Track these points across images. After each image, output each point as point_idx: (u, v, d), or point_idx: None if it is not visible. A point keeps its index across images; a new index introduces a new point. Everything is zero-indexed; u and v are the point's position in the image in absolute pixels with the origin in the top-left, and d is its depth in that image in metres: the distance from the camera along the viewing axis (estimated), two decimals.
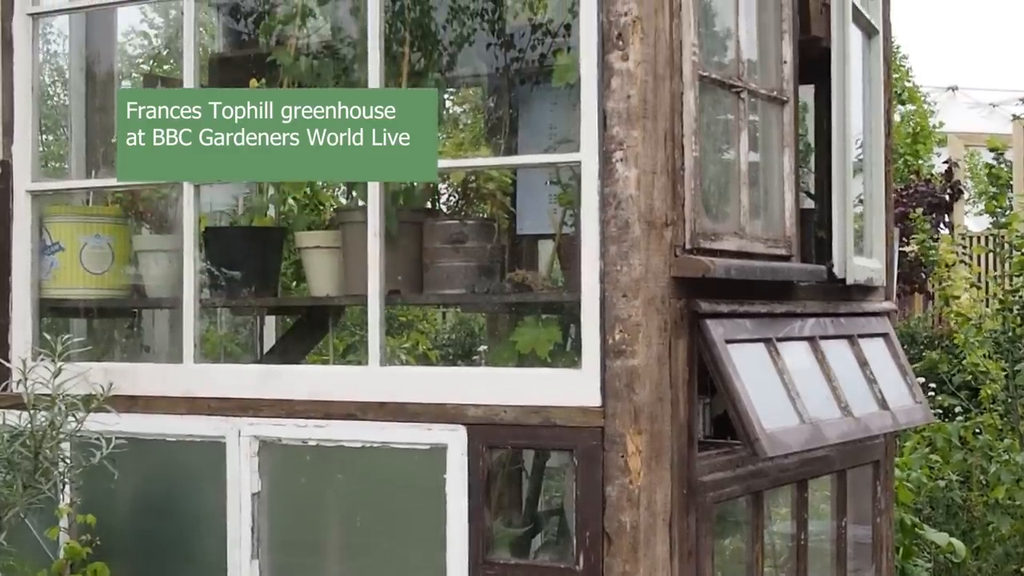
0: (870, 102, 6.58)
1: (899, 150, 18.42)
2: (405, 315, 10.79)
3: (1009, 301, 10.13)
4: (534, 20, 6.58)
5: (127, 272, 6.37)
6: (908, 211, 13.69)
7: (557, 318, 5.68)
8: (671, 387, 4.97)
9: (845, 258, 5.99)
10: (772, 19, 5.84)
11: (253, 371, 5.82)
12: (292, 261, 6.76)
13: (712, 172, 5.42)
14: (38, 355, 5.62)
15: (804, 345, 5.69)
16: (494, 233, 5.89)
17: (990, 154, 12.89)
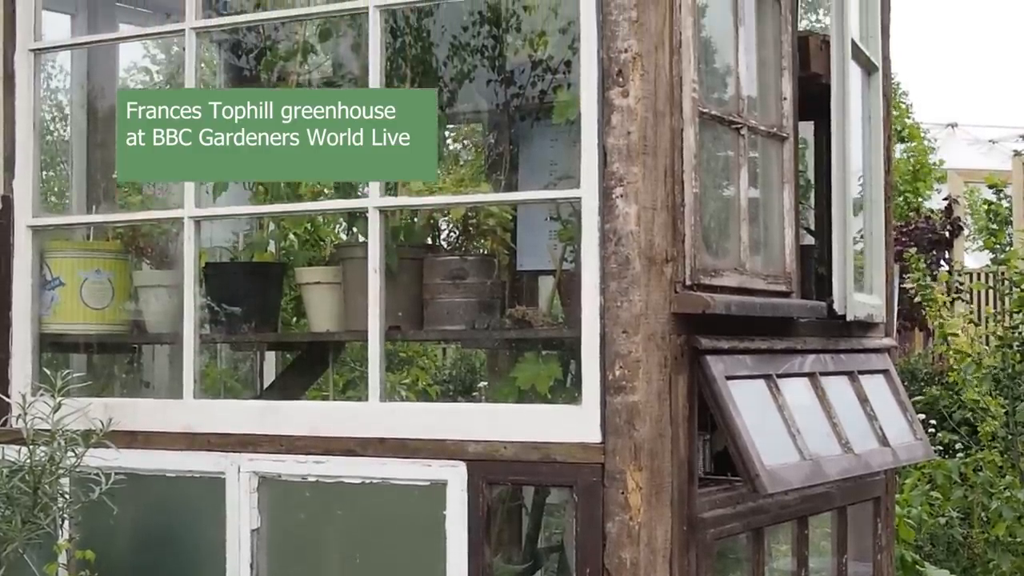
0: (870, 138, 6.59)
1: (899, 187, 18.44)
2: (405, 351, 10.78)
3: (1008, 337, 10.13)
4: (534, 57, 6.60)
5: (127, 307, 6.37)
6: (907, 248, 13.70)
7: (557, 354, 5.68)
8: (671, 423, 4.96)
9: (845, 294, 5.99)
10: (772, 56, 5.85)
11: (253, 407, 5.81)
12: (292, 297, 6.77)
13: (712, 208, 5.43)
14: (38, 390, 5.61)
15: (804, 381, 5.68)
16: (494, 269, 5.89)
17: (989, 190, 12.90)
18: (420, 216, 6.15)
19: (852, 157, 6.14)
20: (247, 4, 6.68)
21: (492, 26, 6.56)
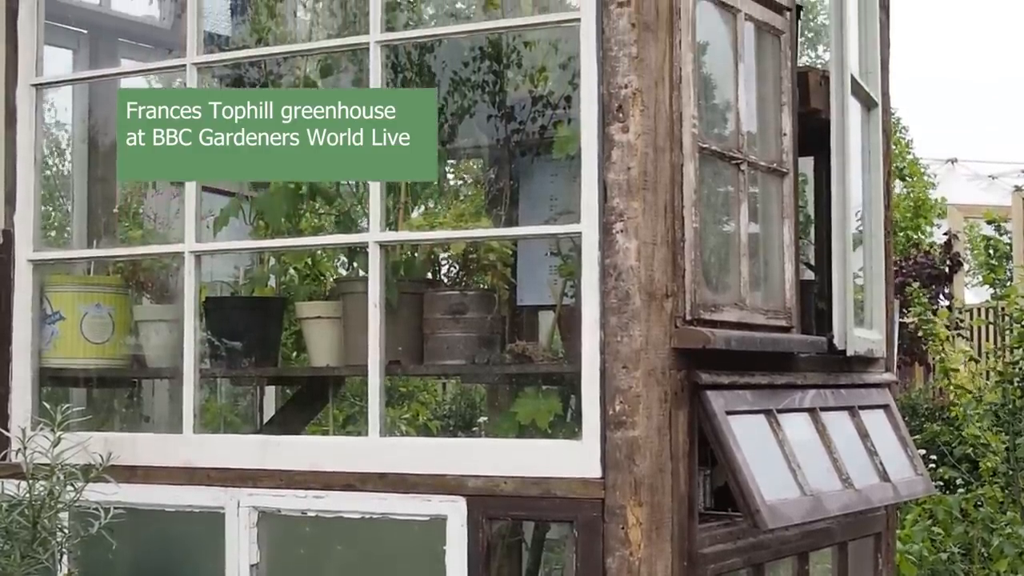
0: (870, 174, 6.60)
1: (899, 223, 18.46)
2: (405, 386, 10.77)
3: (1009, 373, 10.12)
4: (535, 92, 6.61)
5: (127, 342, 6.38)
6: (907, 282, 13.70)
7: (557, 389, 5.68)
8: (671, 458, 4.96)
9: (845, 329, 5.99)
10: (772, 91, 5.87)
11: (253, 441, 5.81)
12: (292, 331, 6.77)
13: (712, 243, 5.43)
14: (37, 424, 5.61)
15: (805, 416, 5.68)
16: (494, 304, 5.90)
17: (989, 226, 12.93)
18: (420, 251, 6.15)
19: (852, 192, 6.15)
20: (249, 39, 6.70)
21: (493, 62, 6.58)
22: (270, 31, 6.55)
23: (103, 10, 7.58)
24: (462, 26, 6.40)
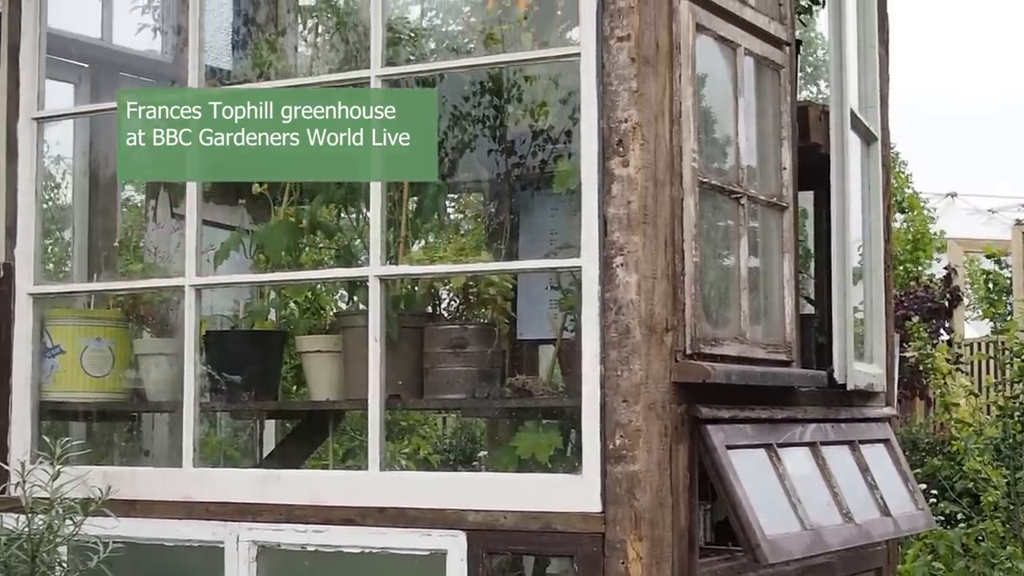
0: (869, 208, 6.60)
1: (899, 257, 18.46)
2: (405, 420, 10.77)
3: (1009, 407, 10.11)
4: (535, 127, 6.62)
5: (127, 375, 6.37)
6: (908, 316, 13.70)
7: (557, 423, 5.68)
8: (672, 493, 4.95)
9: (845, 363, 5.99)
10: (771, 126, 5.88)
11: (252, 475, 5.80)
12: (293, 365, 6.76)
13: (712, 277, 5.44)
14: (37, 458, 5.60)
15: (805, 451, 5.67)
16: (494, 338, 5.90)
17: (988, 260, 12.94)
18: (420, 285, 6.15)
19: (852, 226, 6.16)
20: (250, 74, 6.71)
21: (493, 96, 6.59)
22: (271, 65, 6.56)
23: (104, 44, 7.59)
24: (463, 61, 6.41)
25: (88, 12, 7.47)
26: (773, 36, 5.84)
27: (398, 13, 7.01)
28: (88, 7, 7.46)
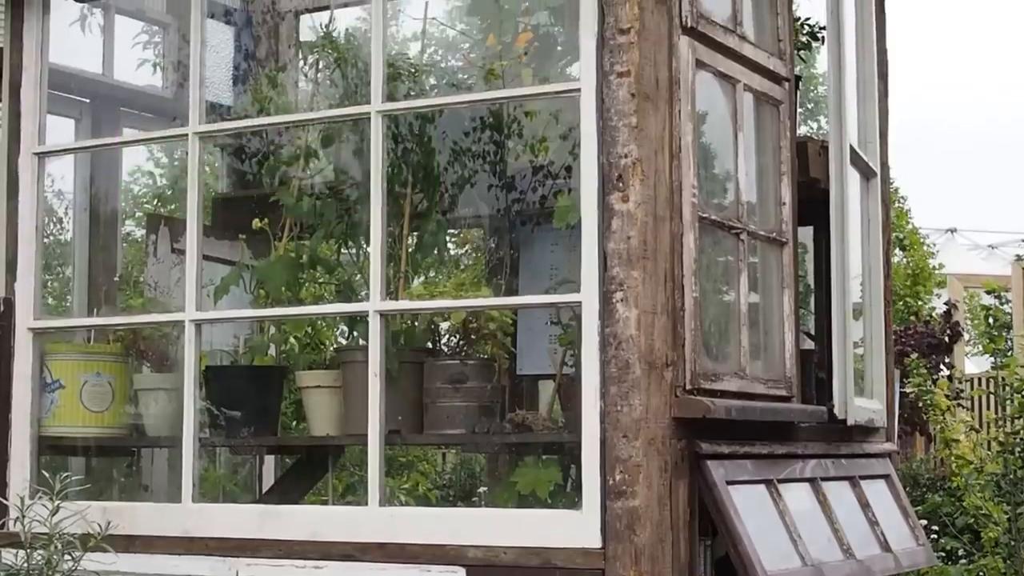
0: (869, 243, 6.61)
1: (899, 292, 18.46)
2: (405, 455, 10.75)
3: (1010, 443, 10.09)
4: (535, 162, 6.63)
5: (127, 410, 6.37)
6: (907, 352, 13.69)
7: (557, 458, 5.67)
8: (672, 528, 4.94)
9: (846, 399, 5.98)
10: (771, 161, 5.89)
11: (252, 511, 5.78)
12: (292, 400, 6.76)
13: (712, 313, 5.44)
14: (36, 493, 5.59)
15: (805, 486, 5.66)
16: (494, 373, 5.90)
17: (989, 296, 12.91)
18: (421, 320, 6.15)
19: (851, 262, 6.16)
20: (251, 109, 6.73)
21: (493, 132, 6.60)
22: (272, 100, 6.58)
23: (105, 79, 7.62)
24: (463, 96, 6.42)
25: (89, 47, 7.50)
26: (772, 72, 5.85)
27: (398, 49, 7.03)
28: (89, 42, 7.48)
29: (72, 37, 7.21)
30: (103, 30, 7.59)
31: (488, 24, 6.58)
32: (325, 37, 6.50)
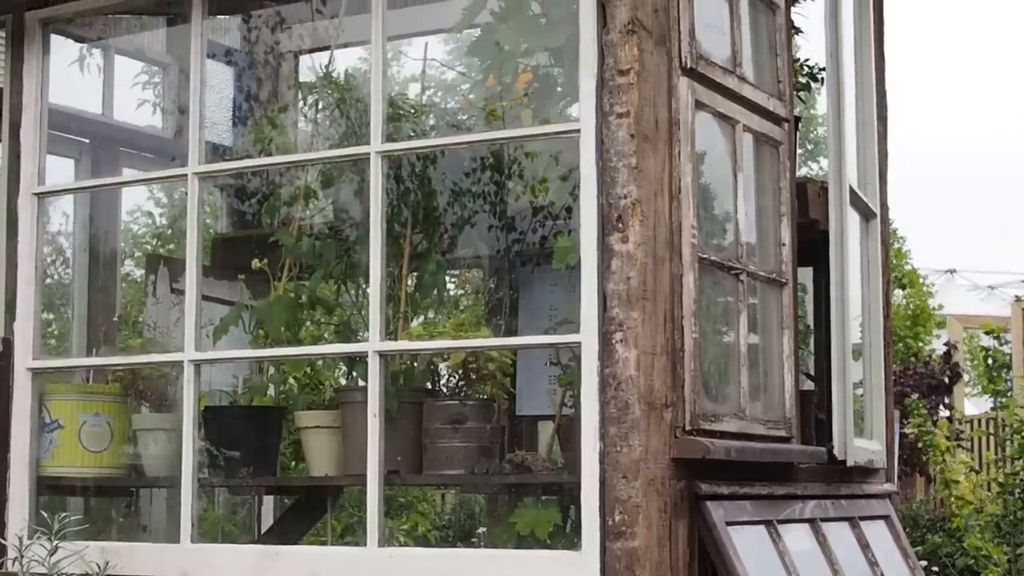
0: (868, 284, 6.61)
1: (899, 332, 18.46)
2: (404, 496, 10.73)
3: (1010, 484, 10.09)
4: (535, 203, 6.64)
5: (126, 451, 6.36)
6: (907, 392, 13.68)
7: (557, 499, 5.66)
8: (671, 569, 4.93)
9: (845, 440, 5.97)
10: (771, 202, 5.90)
11: (250, 551, 5.77)
12: (291, 441, 6.75)
13: (712, 353, 5.43)
14: (35, 533, 5.58)
15: (805, 527, 5.65)
16: (494, 414, 5.89)
17: (988, 336, 12.93)
18: (420, 360, 6.15)
19: (851, 302, 6.16)
20: (251, 149, 6.74)
21: (493, 172, 6.61)
22: (272, 141, 6.59)
23: (105, 119, 7.64)
24: (463, 137, 6.43)
25: (89, 87, 7.52)
26: (772, 113, 5.87)
27: (398, 90, 7.04)
28: (89, 82, 7.50)
29: (72, 77, 7.23)
30: (102, 70, 7.61)
31: (488, 65, 6.58)
32: (325, 77, 6.52)
